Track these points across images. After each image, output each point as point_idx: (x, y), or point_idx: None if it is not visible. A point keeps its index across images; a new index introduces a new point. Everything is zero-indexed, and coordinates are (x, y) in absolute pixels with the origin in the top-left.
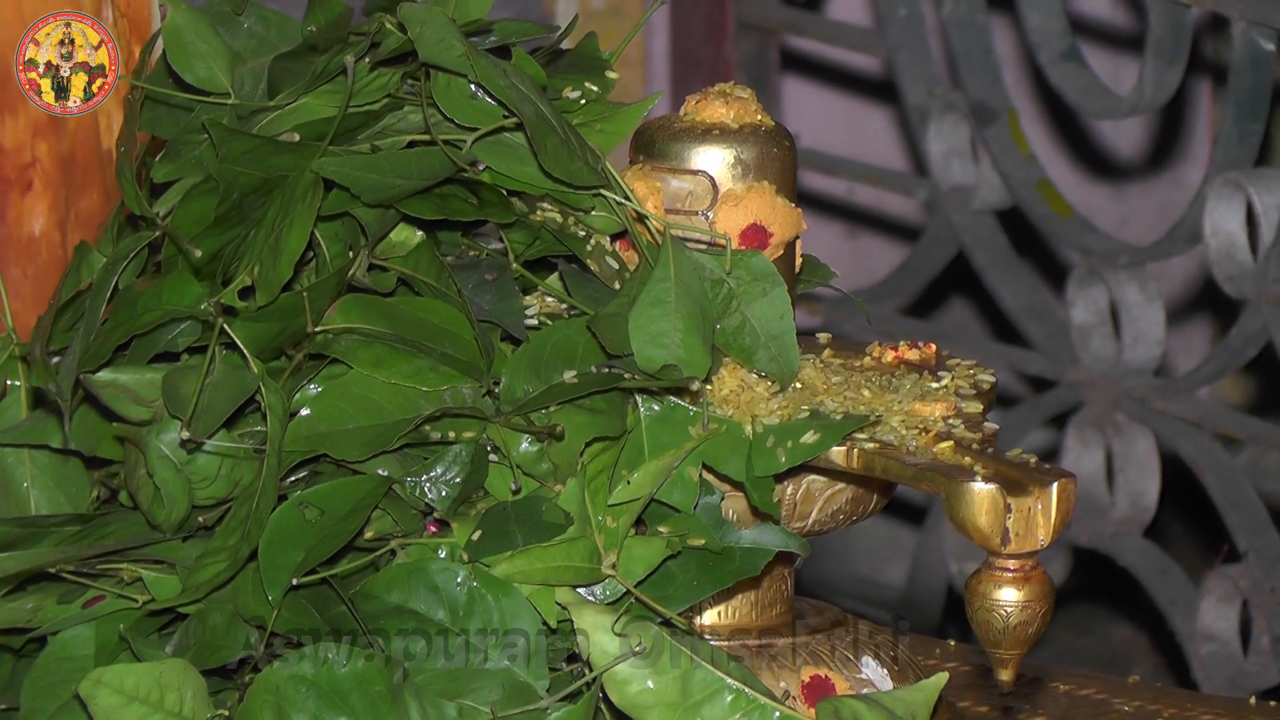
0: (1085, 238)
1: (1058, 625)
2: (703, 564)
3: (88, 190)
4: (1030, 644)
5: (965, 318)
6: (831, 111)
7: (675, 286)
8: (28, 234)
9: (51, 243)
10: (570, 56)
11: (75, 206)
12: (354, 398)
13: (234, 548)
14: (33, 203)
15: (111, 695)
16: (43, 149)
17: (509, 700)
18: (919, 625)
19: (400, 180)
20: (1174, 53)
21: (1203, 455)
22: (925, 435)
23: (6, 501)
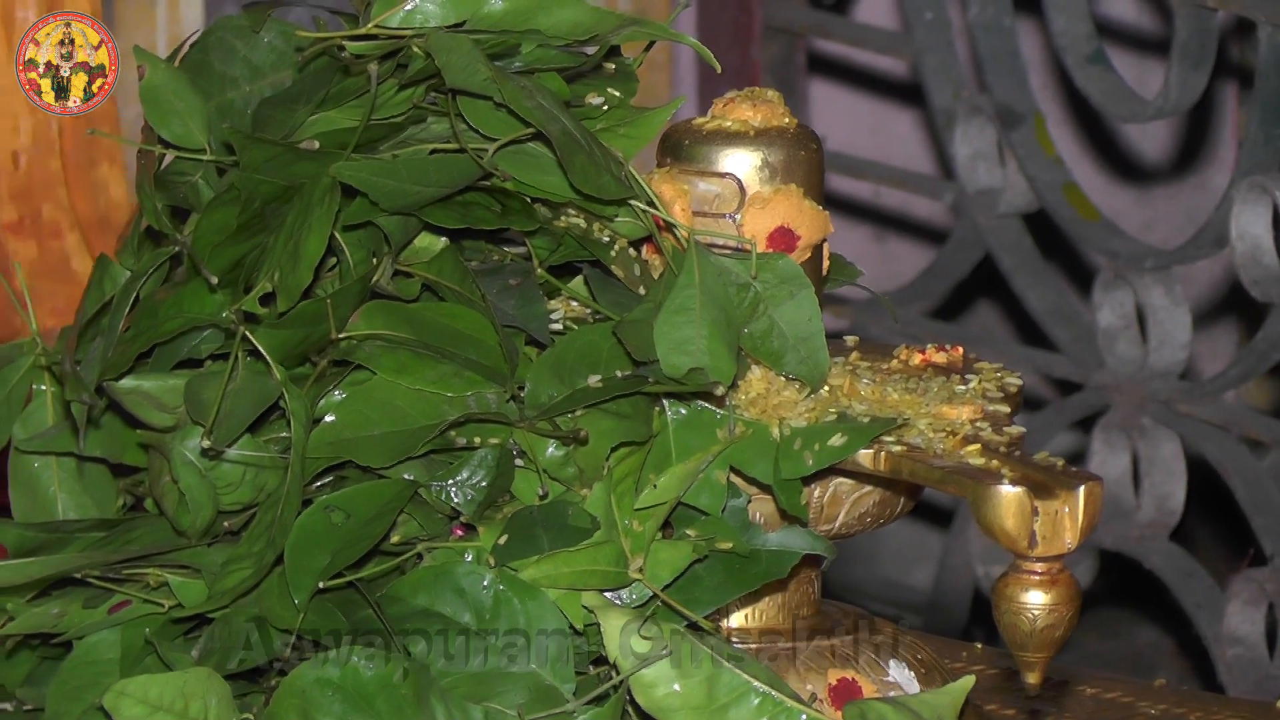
0: (1111, 241)
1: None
2: (729, 567)
3: None
4: (1057, 647)
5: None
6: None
7: (700, 293)
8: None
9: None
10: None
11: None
12: (378, 404)
13: (259, 554)
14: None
15: (135, 705)
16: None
17: (535, 703)
18: (945, 628)
19: (419, 187)
20: (1200, 56)
21: (1229, 458)
22: (952, 438)
23: (34, 506)
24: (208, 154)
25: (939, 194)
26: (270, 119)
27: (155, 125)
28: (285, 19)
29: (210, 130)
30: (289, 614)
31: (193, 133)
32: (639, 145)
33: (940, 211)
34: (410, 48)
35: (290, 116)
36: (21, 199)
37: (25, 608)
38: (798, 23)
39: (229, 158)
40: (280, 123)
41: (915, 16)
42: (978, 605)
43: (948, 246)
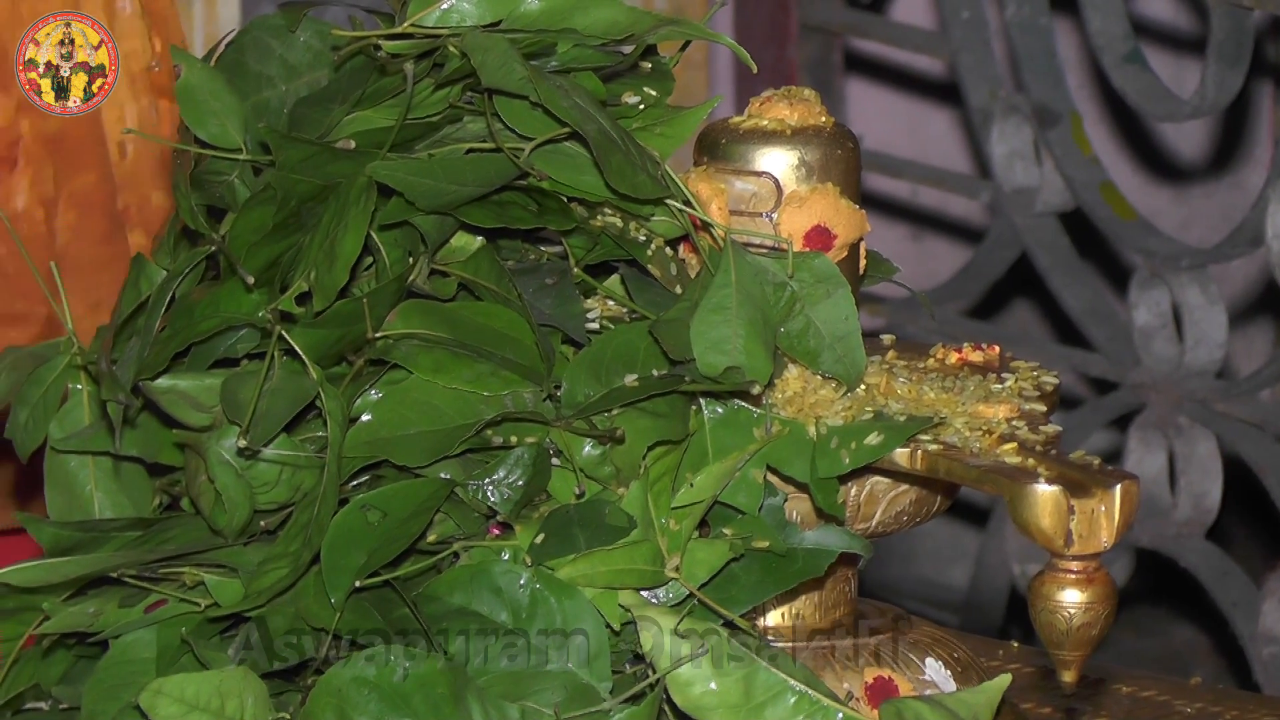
0: (1148, 240)
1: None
2: (766, 566)
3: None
4: (1093, 646)
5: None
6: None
7: (736, 292)
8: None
9: (33, 220)
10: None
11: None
12: (415, 403)
13: (296, 553)
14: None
15: (172, 705)
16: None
17: (572, 702)
18: (982, 627)
19: (455, 186)
20: (1236, 55)
21: (1265, 457)
22: (989, 437)
23: (70, 505)
24: (244, 153)
25: (975, 193)
26: (306, 118)
27: (191, 125)
28: (321, 18)
29: (246, 130)
30: (325, 613)
31: (229, 132)
32: (675, 144)
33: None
34: (446, 47)
35: (326, 116)
36: (128, 189)
37: (61, 607)
38: (834, 22)
39: (265, 157)
40: (316, 122)
41: (952, 16)
42: (1014, 604)
43: (984, 245)
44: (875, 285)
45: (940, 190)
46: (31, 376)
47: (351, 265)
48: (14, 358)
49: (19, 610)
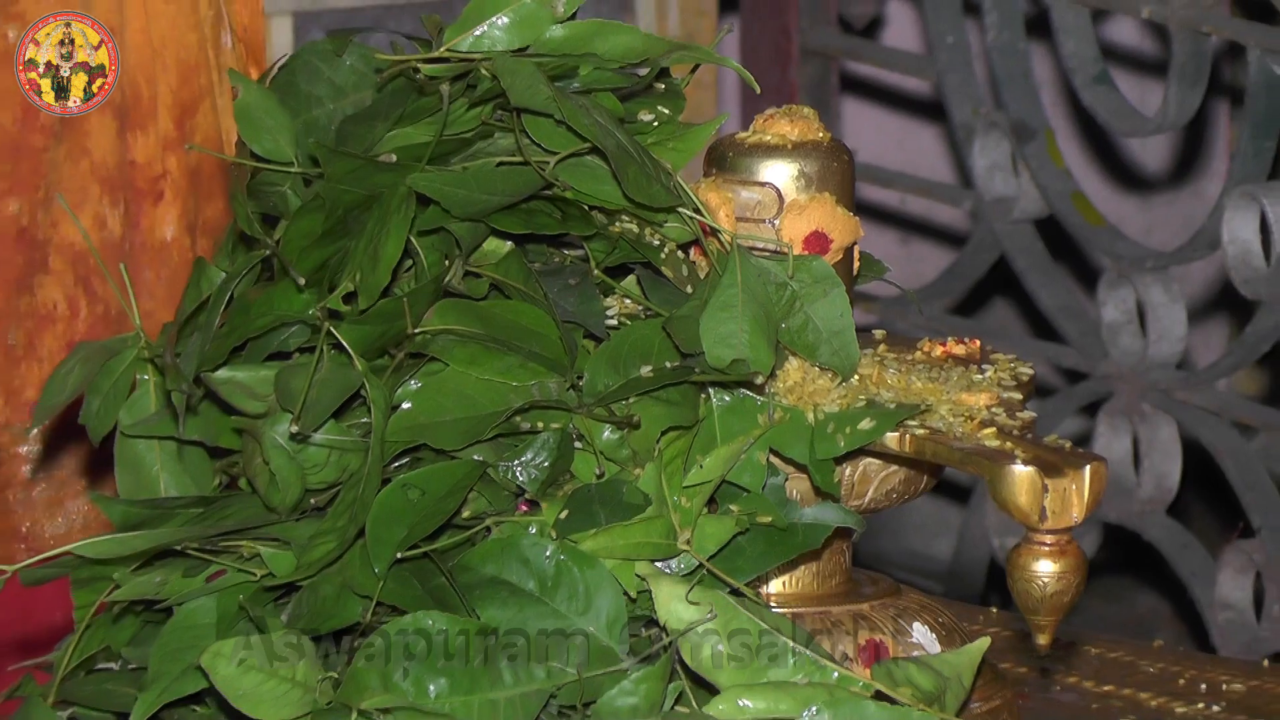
0: (1115, 244)
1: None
2: (769, 539)
3: (213, 199)
4: (1065, 611)
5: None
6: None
7: (742, 292)
8: (159, 240)
9: (181, 247)
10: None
11: (202, 214)
12: (451, 392)
13: (343, 529)
14: (164, 211)
15: (231, 665)
16: (172, 162)
17: (593, 662)
18: (964, 594)
19: (487, 196)
20: (1195, 77)
21: (1221, 441)
22: (970, 422)
23: (138, 485)
24: (295, 166)
25: (959, 201)
26: (352, 134)
27: (247, 140)
28: (366, 43)
29: (297, 144)
30: (370, 582)
31: (281, 147)
32: (686, 158)
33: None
34: (479, 70)
35: (370, 132)
36: None
37: (130, 577)
38: (832, 46)
39: (314, 169)
40: (361, 138)
41: (938, 40)
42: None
43: (966, 249)
44: (868, 284)
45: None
46: (103, 368)
47: (393, 267)
48: (86, 351)
49: (92, 580)
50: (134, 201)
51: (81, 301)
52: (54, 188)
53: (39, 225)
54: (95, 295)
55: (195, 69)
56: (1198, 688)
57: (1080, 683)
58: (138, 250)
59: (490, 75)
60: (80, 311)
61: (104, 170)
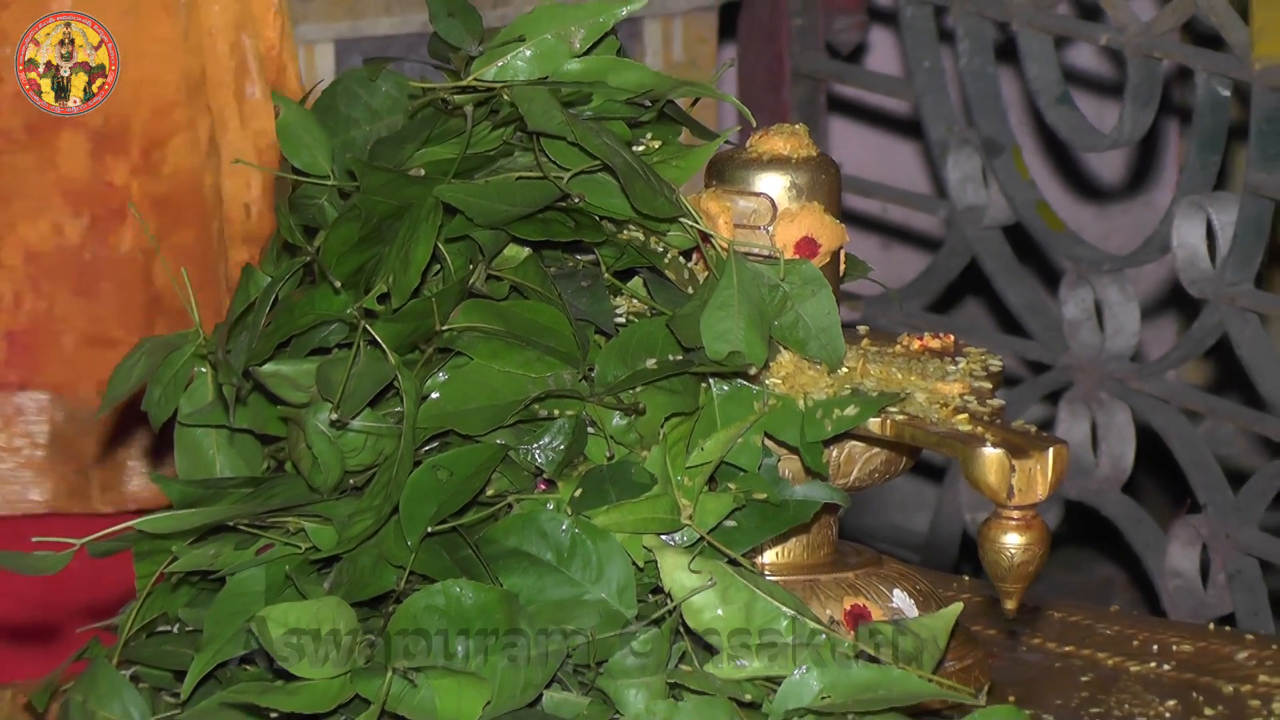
0: (1075, 249)
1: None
2: (763, 514)
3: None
4: (1030, 579)
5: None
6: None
7: (738, 293)
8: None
9: (135, 264)
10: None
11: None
12: (475, 383)
13: (379, 506)
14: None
15: (278, 628)
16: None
17: (604, 626)
18: (939, 564)
19: (507, 206)
20: (1148, 98)
21: (1170, 426)
22: (945, 409)
23: (195, 467)
24: (332, 180)
25: (934, 210)
26: (384, 153)
27: (289, 156)
28: (399, 70)
29: (334, 160)
30: (403, 554)
31: (320, 163)
32: (688, 174)
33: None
34: (501, 96)
35: (401, 151)
36: (252, 241)
37: (187, 550)
38: (820, 70)
39: (351, 183)
40: (392, 156)
41: (916, 65)
42: (965, 545)
43: (941, 253)
44: (852, 284)
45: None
46: (164, 362)
47: (422, 271)
48: (150, 345)
49: (152, 553)
50: (104, 219)
51: (28, 296)
52: (11, 192)
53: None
54: (41, 292)
55: (169, 107)
56: (1150, 648)
57: (1044, 644)
58: (101, 262)
59: (511, 102)
60: (25, 304)
61: (71, 184)
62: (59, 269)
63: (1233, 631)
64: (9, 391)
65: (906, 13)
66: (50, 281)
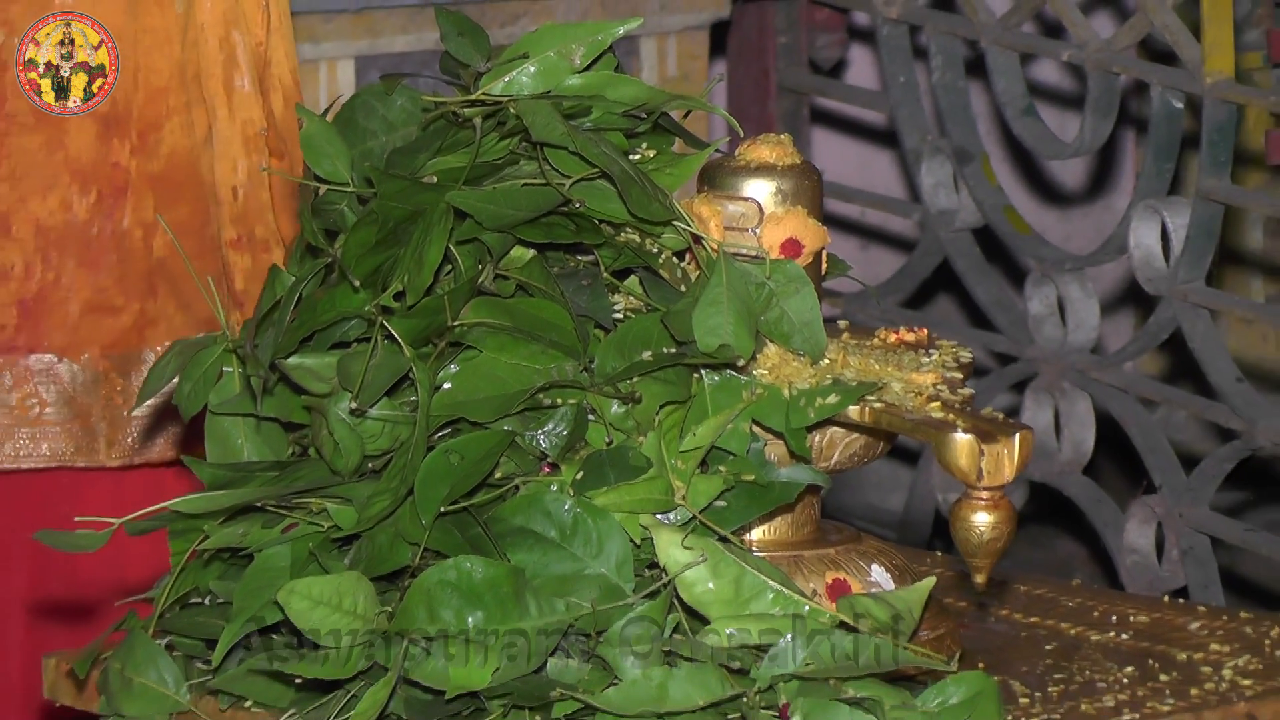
0: (1039, 249)
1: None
2: (751, 494)
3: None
4: (998, 555)
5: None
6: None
7: (727, 290)
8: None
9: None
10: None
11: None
12: (484, 374)
13: (395, 489)
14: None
15: (302, 601)
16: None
17: (604, 598)
18: (913, 541)
19: (513, 211)
20: (1107, 109)
21: (1128, 413)
22: (919, 397)
23: (225, 453)
24: (352, 187)
25: (909, 214)
26: (400, 162)
27: (311, 165)
28: (414, 86)
29: (353, 169)
30: (418, 532)
31: (340, 171)
32: (680, 181)
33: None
34: (507, 109)
35: (414, 160)
36: (240, 222)
37: (218, 528)
38: (803, 85)
39: (369, 190)
40: (407, 165)
41: (892, 80)
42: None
43: (915, 253)
44: (833, 281)
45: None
46: (194, 359)
47: (435, 270)
48: (181, 345)
49: (186, 531)
50: (110, 196)
51: (37, 267)
52: (21, 169)
53: (3, 198)
54: (49, 263)
55: (161, 92)
56: (1109, 619)
57: (1011, 615)
58: (105, 236)
59: (516, 114)
60: (35, 274)
61: (78, 164)
62: (66, 242)
63: (1185, 604)
64: (19, 355)
65: (883, 31)
66: (58, 253)
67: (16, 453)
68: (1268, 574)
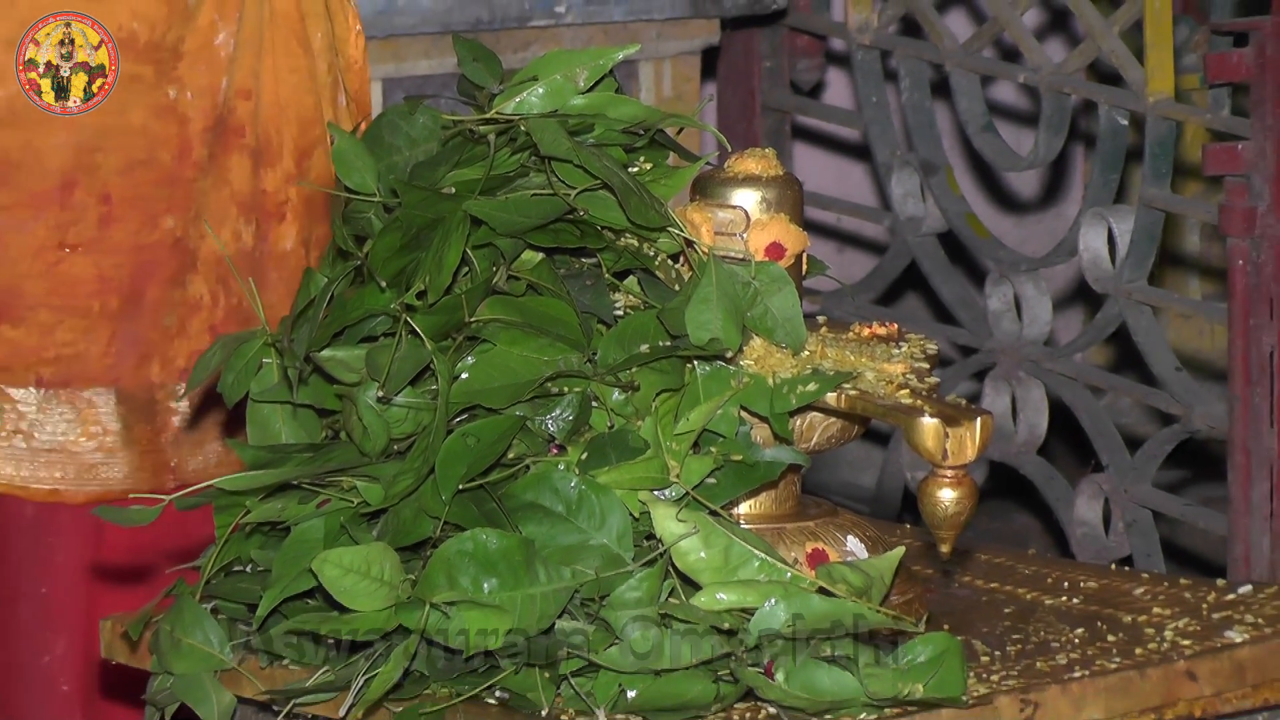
0: (998, 252)
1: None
2: (738, 473)
3: (324, 221)
4: (962, 528)
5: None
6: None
7: (716, 289)
8: (282, 250)
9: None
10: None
11: (315, 232)
12: (498, 365)
13: (418, 468)
14: (286, 229)
15: (335, 569)
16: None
17: (606, 566)
18: (885, 514)
19: (524, 218)
20: (1059, 126)
21: (1078, 400)
22: (890, 385)
23: (264, 436)
24: (378, 197)
25: (881, 220)
26: (422, 175)
27: (342, 178)
28: (435, 105)
29: (380, 181)
30: (439, 507)
31: (368, 183)
32: (674, 191)
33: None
34: (518, 126)
35: (435, 173)
36: None
37: (258, 504)
38: (786, 104)
39: (394, 200)
40: (428, 177)
41: (865, 100)
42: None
43: (886, 256)
44: (812, 280)
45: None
46: (236, 351)
47: (453, 272)
48: (224, 341)
49: (229, 506)
50: (264, 221)
51: (220, 295)
52: (201, 210)
53: (190, 237)
54: (230, 290)
55: (311, 123)
56: (1061, 585)
57: (973, 581)
58: (266, 258)
59: (526, 131)
60: (220, 302)
61: (241, 197)
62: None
63: (1130, 571)
64: None
65: (857, 56)
66: (235, 280)
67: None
68: (1204, 544)
